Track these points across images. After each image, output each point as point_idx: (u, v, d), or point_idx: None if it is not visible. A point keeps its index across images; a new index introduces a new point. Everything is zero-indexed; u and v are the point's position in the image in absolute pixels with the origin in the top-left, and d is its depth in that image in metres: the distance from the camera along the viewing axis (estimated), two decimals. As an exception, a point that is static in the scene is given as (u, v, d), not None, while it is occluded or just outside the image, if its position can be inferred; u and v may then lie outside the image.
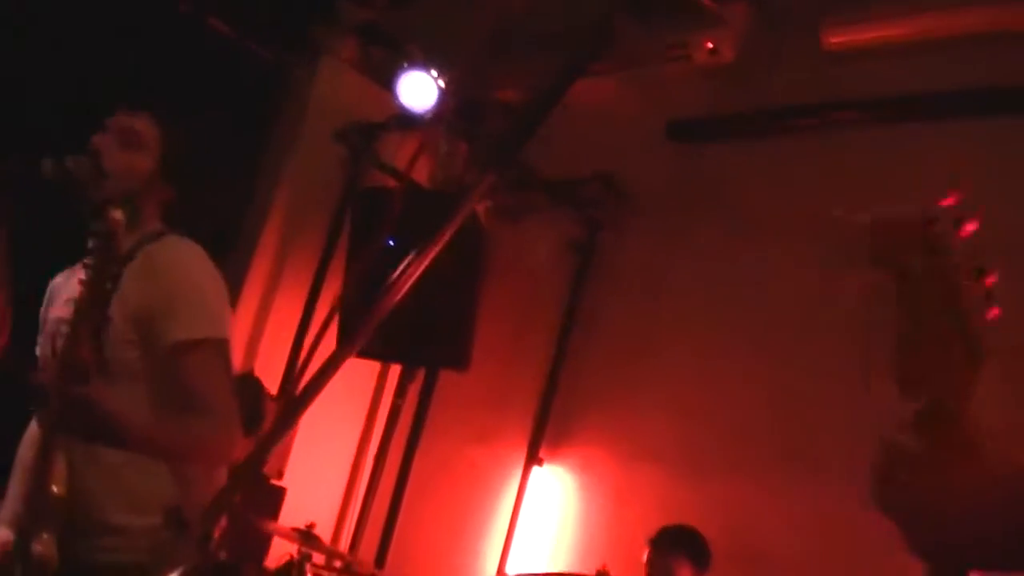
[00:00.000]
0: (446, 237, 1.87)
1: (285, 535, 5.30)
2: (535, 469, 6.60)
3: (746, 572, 5.32)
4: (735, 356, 6.07)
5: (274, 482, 6.12)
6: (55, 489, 2.81)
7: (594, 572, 4.95)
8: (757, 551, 5.46)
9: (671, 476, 5.97)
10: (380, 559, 6.64)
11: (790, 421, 5.70)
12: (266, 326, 6.90)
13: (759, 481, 5.67)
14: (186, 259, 3.09)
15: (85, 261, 2.77)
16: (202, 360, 2.97)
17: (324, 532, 5.80)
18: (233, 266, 6.47)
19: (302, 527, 5.22)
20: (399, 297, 1.84)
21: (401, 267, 1.84)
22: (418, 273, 1.87)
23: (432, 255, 1.87)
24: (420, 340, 6.35)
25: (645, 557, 4.97)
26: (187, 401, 2.94)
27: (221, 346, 3.04)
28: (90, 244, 2.76)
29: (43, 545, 2.76)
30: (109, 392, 2.81)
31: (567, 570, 5.86)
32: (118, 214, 2.74)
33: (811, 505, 5.49)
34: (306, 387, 1.75)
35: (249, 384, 5.86)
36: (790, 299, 5.98)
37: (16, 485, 3.04)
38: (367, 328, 1.83)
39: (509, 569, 6.31)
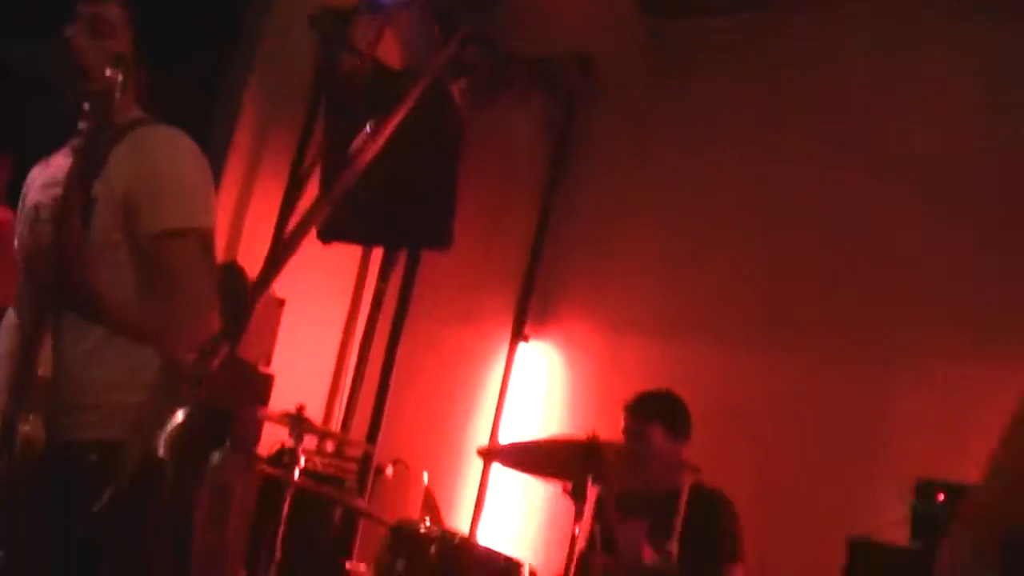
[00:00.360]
0: (413, 98, 1.89)
1: (275, 419, 5.35)
2: (521, 345, 6.67)
3: (727, 433, 5.42)
4: (714, 225, 6.12)
5: (262, 369, 6.17)
6: (40, 371, 2.84)
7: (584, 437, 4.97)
8: (739, 412, 5.55)
9: (655, 345, 6.05)
10: (371, 438, 6.72)
11: (770, 285, 5.77)
12: (246, 216, 6.89)
13: (741, 344, 5.76)
14: (173, 147, 3.07)
15: (79, 125, 2.77)
16: (186, 249, 2.97)
17: (314, 416, 5.85)
18: (210, 156, 6.44)
19: (292, 410, 5.25)
20: (375, 152, 1.84)
21: (371, 127, 1.85)
22: (388, 133, 1.88)
23: (400, 116, 1.88)
24: (401, 222, 6.38)
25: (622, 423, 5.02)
26: (169, 289, 2.95)
27: (206, 236, 3.04)
28: (85, 107, 2.74)
29: (31, 426, 2.79)
30: (93, 271, 2.84)
31: (557, 440, 5.94)
32: (110, 71, 2.73)
33: (791, 366, 5.58)
34: (290, 235, 1.77)
35: (233, 274, 5.88)
36: (767, 169, 6.02)
37: None
38: (344, 183, 1.83)
39: (500, 441, 6.41)
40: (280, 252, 1.76)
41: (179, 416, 1.61)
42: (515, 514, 6.26)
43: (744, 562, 4.73)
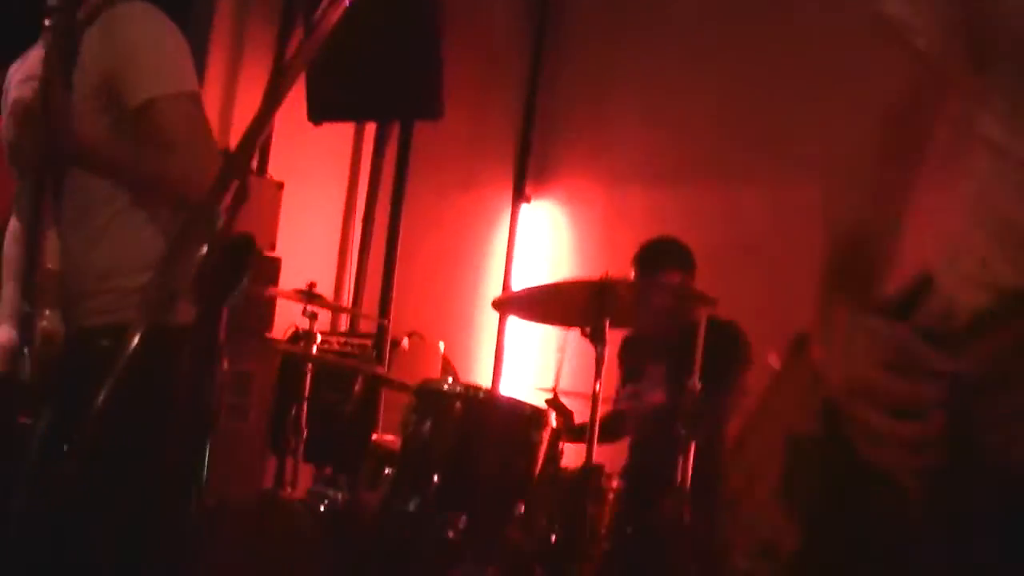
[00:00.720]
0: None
1: (288, 296, 5.36)
2: (523, 206, 6.65)
3: (739, 267, 5.41)
4: (702, 63, 6.05)
5: (268, 254, 6.15)
6: (49, 265, 2.84)
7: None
8: (748, 246, 5.55)
9: (657, 190, 6.04)
10: (383, 313, 6.75)
11: (767, 118, 5.71)
12: (234, 109, 6.83)
13: (743, 180, 5.73)
14: (146, 21, 2.99)
15: (50, 2, 2.73)
16: (179, 108, 2.92)
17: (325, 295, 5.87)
18: (192, 44, 6.36)
19: (303, 288, 5.26)
20: (341, 13, 1.79)
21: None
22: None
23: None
24: (390, 94, 6.33)
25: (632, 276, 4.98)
26: (169, 145, 2.89)
27: (193, 98, 3.00)
28: None
29: (48, 321, 2.80)
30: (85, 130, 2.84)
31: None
32: None
33: (796, 196, 5.54)
34: (287, 66, 1.74)
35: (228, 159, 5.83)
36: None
37: (7, 282, 3.07)
38: (311, 47, 1.77)
39: (512, 295, 6.41)
40: (288, 67, 1.73)
41: (203, 251, 1.60)
42: (534, 370, 6.30)
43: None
